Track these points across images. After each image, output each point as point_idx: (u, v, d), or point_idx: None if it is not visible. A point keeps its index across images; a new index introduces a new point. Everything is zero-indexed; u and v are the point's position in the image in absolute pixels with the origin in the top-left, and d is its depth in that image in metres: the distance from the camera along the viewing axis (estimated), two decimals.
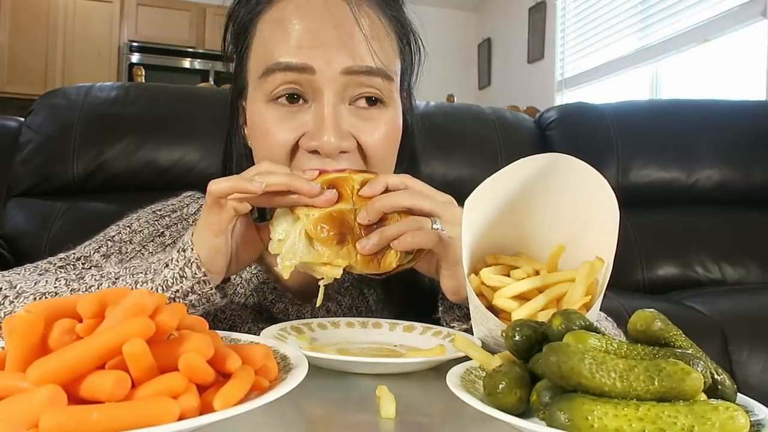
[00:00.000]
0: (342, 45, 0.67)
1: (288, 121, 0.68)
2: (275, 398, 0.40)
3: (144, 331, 0.37)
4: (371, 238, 0.62)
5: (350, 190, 0.66)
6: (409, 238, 0.63)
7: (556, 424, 0.38)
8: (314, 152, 0.69)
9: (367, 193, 0.65)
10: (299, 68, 0.66)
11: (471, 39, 6.18)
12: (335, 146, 0.67)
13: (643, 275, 1.87)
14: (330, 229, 0.62)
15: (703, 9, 3.35)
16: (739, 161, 2.00)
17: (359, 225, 0.64)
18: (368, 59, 0.68)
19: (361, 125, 0.70)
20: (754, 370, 1.42)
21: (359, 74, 0.67)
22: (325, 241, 0.62)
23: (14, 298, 0.65)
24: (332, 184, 0.65)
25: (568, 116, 2.08)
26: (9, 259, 1.52)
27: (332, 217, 0.63)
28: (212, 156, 1.67)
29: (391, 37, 0.74)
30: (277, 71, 0.67)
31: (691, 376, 0.39)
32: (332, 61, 0.66)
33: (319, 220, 0.62)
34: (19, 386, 0.36)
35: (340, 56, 0.66)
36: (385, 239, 0.62)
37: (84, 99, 1.68)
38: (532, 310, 0.57)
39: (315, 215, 0.63)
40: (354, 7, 0.68)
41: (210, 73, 5.40)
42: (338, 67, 0.66)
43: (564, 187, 0.61)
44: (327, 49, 0.66)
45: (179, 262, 0.62)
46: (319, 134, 0.67)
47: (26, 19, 4.97)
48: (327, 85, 0.67)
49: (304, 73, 0.66)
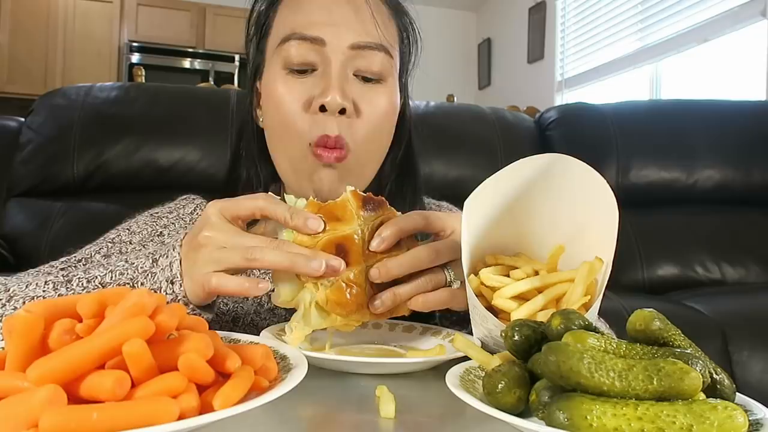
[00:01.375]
0: (351, 22, 0.76)
1: (298, 88, 0.76)
2: (275, 398, 0.40)
3: (144, 331, 0.37)
4: (384, 300, 0.60)
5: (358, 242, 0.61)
6: (421, 300, 0.62)
7: (555, 424, 0.38)
8: (321, 110, 0.75)
9: (376, 248, 0.61)
10: (311, 39, 0.74)
11: (471, 39, 6.18)
12: (339, 103, 0.74)
13: (643, 275, 1.87)
14: (345, 302, 0.59)
15: (703, 9, 3.35)
16: (739, 161, 2.00)
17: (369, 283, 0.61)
18: (373, 36, 0.76)
19: (362, 94, 0.77)
20: (754, 370, 1.42)
21: (364, 48, 0.76)
22: (342, 312, 0.59)
23: (6, 301, 0.66)
24: (339, 243, 0.60)
25: (568, 116, 2.08)
26: (9, 259, 1.52)
27: (345, 287, 0.59)
28: (212, 156, 1.68)
29: (393, 24, 0.82)
30: (292, 40, 0.75)
31: (690, 376, 0.39)
32: (341, 36, 0.75)
33: (333, 294, 0.59)
34: (19, 386, 0.36)
35: (348, 32, 0.75)
36: (398, 301, 0.61)
37: (84, 99, 1.68)
38: (532, 311, 0.57)
39: (327, 285, 0.59)
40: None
41: (210, 73, 5.40)
42: (346, 41, 0.75)
43: (563, 187, 0.61)
44: (337, 25, 0.75)
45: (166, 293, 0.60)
46: (326, 93, 0.74)
47: (26, 19, 4.97)
48: (335, 55, 0.75)
49: (316, 44, 0.75)
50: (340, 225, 0.61)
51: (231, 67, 5.47)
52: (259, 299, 0.81)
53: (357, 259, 0.61)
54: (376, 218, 0.63)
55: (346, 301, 0.59)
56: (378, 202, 0.64)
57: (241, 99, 1.78)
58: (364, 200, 0.63)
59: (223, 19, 5.50)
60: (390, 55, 0.79)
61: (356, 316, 0.61)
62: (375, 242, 0.61)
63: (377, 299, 0.61)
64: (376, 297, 0.61)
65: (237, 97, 1.79)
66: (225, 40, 5.44)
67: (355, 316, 0.61)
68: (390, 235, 0.61)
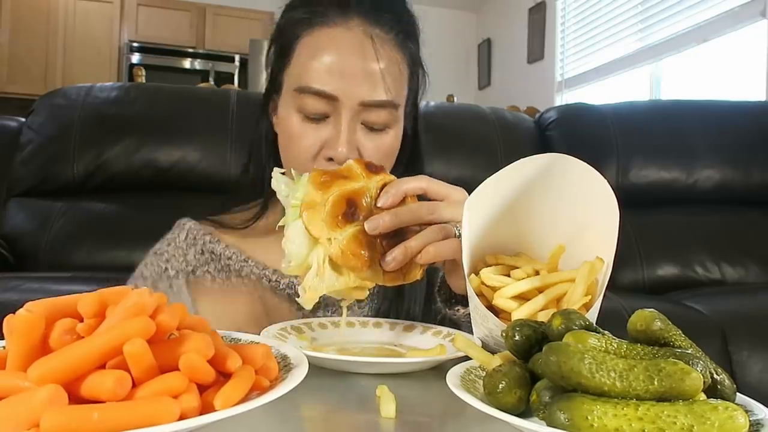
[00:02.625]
0: (362, 81, 0.81)
1: (312, 134, 0.82)
2: (275, 398, 0.40)
3: (145, 331, 0.37)
4: (395, 254, 0.62)
5: (368, 201, 0.64)
6: (432, 250, 0.63)
7: (555, 424, 0.38)
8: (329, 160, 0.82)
9: (386, 204, 0.64)
10: (326, 95, 0.80)
11: (471, 39, 6.18)
12: (345, 156, 0.79)
13: (643, 275, 1.87)
14: (359, 253, 0.60)
15: (703, 9, 3.35)
16: (739, 161, 2.00)
17: (380, 240, 0.63)
18: (382, 94, 0.82)
19: (368, 140, 0.83)
20: (754, 370, 1.42)
21: (372, 106, 0.82)
22: (356, 267, 0.60)
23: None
24: (350, 198, 0.63)
25: (568, 116, 2.08)
26: (9, 259, 1.52)
27: (359, 240, 0.61)
28: (212, 156, 1.68)
29: (403, 70, 0.87)
30: (308, 93, 0.81)
31: (691, 376, 0.39)
32: (353, 93, 0.80)
33: (348, 245, 0.60)
34: (20, 386, 0.36)
35: (360, 90, 0.81)
36: (410, 254, 0.63)
37: (84, 99, 1.68)
38: (532, 310, 0.57)
39: (341, 240, 0.60)
40: (379, 44, 0.82)
41: (210, 73, 5.40)
42: (357, 99, 0.80)
43: (564, 187, 0.62)
44: (350, 83, 0.80)
45: None
46: (334, 146, 0.80)
47: (26, 19, 4.97)
48: (345, 110, 0.81)
49: (330, 100, 0.80)
50: (348, 182, 0.64)
51: (231, 67, 5.47)
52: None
53: (368, 214, 0.63)
54: (380, 180, 0.67)
55: (359, 253, 0.60)
56: (379, 166, 0.69)
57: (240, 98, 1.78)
58: (366, 164, 0.68)
59: (223, 19, 5.50)
60: (395, 107, 0.85)
61: (370, 274, 0.61)
62: (382, 199, 0.65)
63: (389, 255, 0.62)
64: (388, 253, 0.62)
65: (237, 97, 1.79)
66: (225, 40, 5.44)
67: (369, 274, 0.61)
68: (397, 192, 0.65)
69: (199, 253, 0.90)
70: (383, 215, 0.63)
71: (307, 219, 0.61)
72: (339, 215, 0.61)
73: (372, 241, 0.62)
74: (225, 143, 1.68)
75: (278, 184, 0.66)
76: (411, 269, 0.64)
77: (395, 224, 0.63)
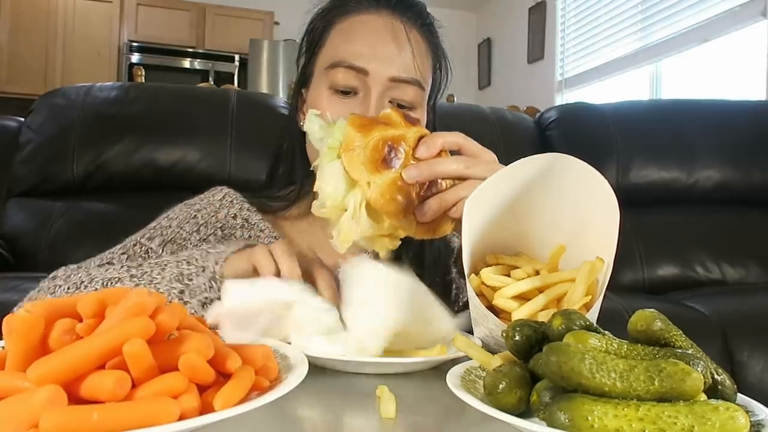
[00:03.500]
0: (393, 58, 0.84)
1: (341, 107, 0.84)
2: (275, 398, 0.40)
3: (144, 331, 0.37)
4: (431, 203, 0.63)
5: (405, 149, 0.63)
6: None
7: (556, 424, 0.38)
8: None
9: (424, 155, 0.64)
10: (357, 69, 0.83)
11: (471, 39, 6.18)
12: None
13: (643, 275, 1.87)
14: (397, 199, 0.59)
15: (703, 9, 3.35)
16: (739, 161, 2.00)
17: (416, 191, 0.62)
18: (412, 71, 0.85)
19: None
20: (754, 370, 1.41)
21: (401, 82, 0.84)
22: (392, 212, 0.59)
23: (88, 283, 0.75)
24: (390, 142, 0.62)
25: (568, 116, 2.08)
26: (9, 259, 1.52)
27: (397, 186, 0.60)
28: (212, 156, 1.68)
29: (429, 57, 0.91)
30: (340, 67, 0.84)
31: (692, 377, 0.39)
32: (383, 69, 0.83)
33: (387, 189, 0.59)
34: (20, 386, 0.36)
35: (390, 66, 0.83)
36: (444, 206, 0.64)
37: (84, 99, 1.68)
38: (532, 310, 0.57)
39: (380, 183, 0.59)
40: (407, 29, 0.87)
41: (210, 73, 5.40)
42: (387, 74, 0.83)
43: (564, 187, 0.61)
44: (381, 59, 0.84)
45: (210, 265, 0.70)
46: None
47: (26, 19, 4.96)
48: (375, 85, 0.83)
49: (360, 73, 0.83)
50: (387, 128, 0.63)
51: (231, 67, 5.47)
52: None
53: (406, 162, 0.62)
54: (417, 132, 0.66)
55: (397, 199, 0.59)
56: (416, 119, 0.68)
57: (240, 98, 1.78)
58: (404, 114, 0.67)
59: (223, 19, 5.49)
60: (422, 88, 0.88)
61: (404, 223, 0.61)
62: (421, 149, 0.65)
63: (425, 204, 0.63)
64: (425, 202, 0.63)
65: (237, 96, 1.79)
66: (225, 40, 5.44)
67: (404, 223, 0.60)
68: (435, 143, 0.66)
69: (231, 216, 0.92)
70: (421, 164, 0.63)
71: (346, 161, 0.60)
72: (378, 160, 0.61)
73: (408, 191, 0.61)
74: (225, 143, 1.68)
75: (312, 125, 0.65)
76: (442, 224, 0.64)
77: (433, 174, 0.64)
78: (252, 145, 1.68)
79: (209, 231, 0.90)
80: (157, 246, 0.89)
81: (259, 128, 1.71)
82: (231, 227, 0.91)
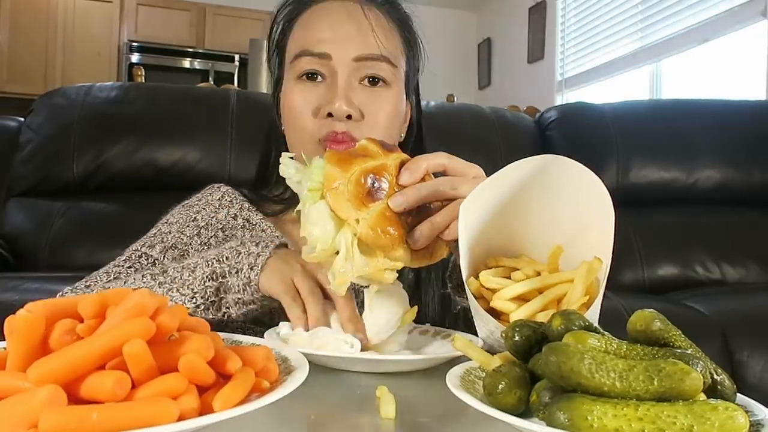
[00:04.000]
0: (353, 38, 0.84)
1: (310, 94, 0.85)
2: (275, 400, 0.40)
3: (144, 332, 0.37)
4: (422, 229, 0.60)
5: (388, 178, 0.61)
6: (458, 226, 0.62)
7: (555, 424, 0.38)
8: (329, 116, 0.83)
9: (408, 181, 0.62)
10: (319, 55, 0.84)
11: (471, 39, 6.18)
12: (344, 110, 0.82)
13: (643, 275, 1.87)
14: (388, 230, 0.57)
15: (703, 9, 3.35)
16: (739, 161, 2.00)
17: (406, 219, 0.60)
18: (374, 48, 0.84)
19: (367, 100, 0.85)
20: (754, 370, 1.41)
21: (367, 60, 0.84)
22: (386, 245, 0.57)
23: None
24: (370, 174, 0.60)
25: (568, 116, 2.08)
26: (9, 259, 1.52)
27: (386, 216, 0.58)
28: (212, 156, 1.68)
29: (396, 36, 0.90)
30: (303, 56, 0.85)
31: (691, 376, 0.39)
32: (345, 50, 0.84)
33: (376, 222, 0.57)
34: (20, 386, 0.36)
35: (352, 47, 0.84)
36: (436, 229, 0.61)
37: (84, 99, 1.68)
38: (531, 312, 0.57)
39: (368, 218, 0.57)
40: (366, 9, 0.86)
41: (210, 73, 5.40)
42: (350, 54, 0.83)
43: (560, 188, 0.61)
44: (342, 41, 0.84)
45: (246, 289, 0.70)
46: (332, 101, 0.82)
47: (26, 19, 4.96)
48: (341, 68, 0.83)
49: (323, 59, 0.84)
50: (366, 160, 0.61)
51: (231, 67, 5.46)
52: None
53: (391, 191, 0.60)
54: (396, 158, 0.64)
55: (388, 231, 0.58)
56: (393, 145, 0.66)
57: (240, 98, 1.78)
58: (381, 142, 0.64)
59: (223, 19, 5.49)
60: (393, 64, 0.86)
61: (399, 253, 0.59)
62: (404, 175, 0.62)
63: (416, 231, 0.60)
64: (415, 229, 0.61)
65: (237, 96, 1.79)
66: (225, 40, 5.44)
67: (399, 253, 0.59)
68: (418, 168, 0.63)
69: (231, 217, 0.91)
70: (407, 190, 0.61)
71: (331, 200, 0.57)
72: (363, 194, 0.58)
73: (397, 220, 0.59)
74: (225, 143, 1.68)
75: (287, 169, 0.62)
76: (437, 248, 0.63)
77: (419, 199, 0.61)
78: (252, 145, 1.67)
79: (210, 233, 0.90)
80: (158, 253, 0.88)
81: (259, 128, 1.70)
82: (232, 228, 0.90)
